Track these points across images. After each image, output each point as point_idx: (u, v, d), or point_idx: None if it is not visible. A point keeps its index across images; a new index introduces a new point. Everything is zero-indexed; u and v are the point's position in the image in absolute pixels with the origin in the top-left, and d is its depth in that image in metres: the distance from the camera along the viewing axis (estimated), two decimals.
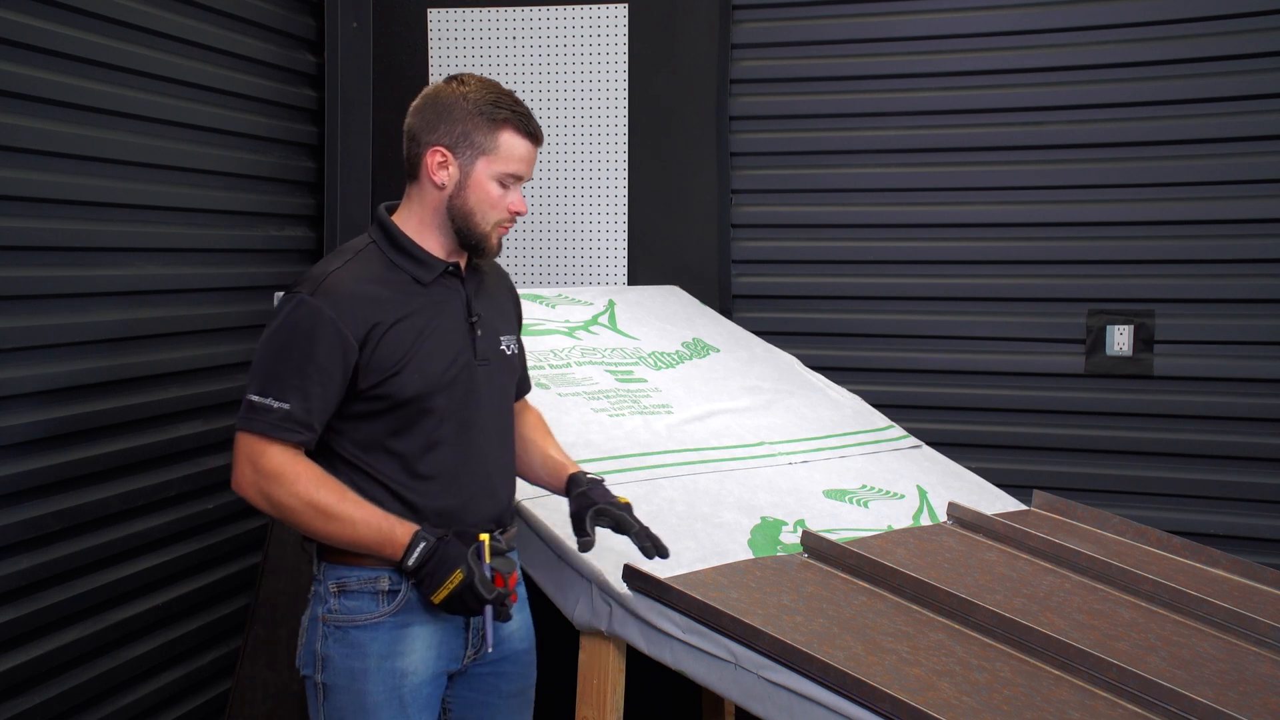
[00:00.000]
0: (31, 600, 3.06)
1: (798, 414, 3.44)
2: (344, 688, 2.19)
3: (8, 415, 2.97)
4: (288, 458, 2.11)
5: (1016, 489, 3.40)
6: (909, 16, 4.05)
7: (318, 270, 2.19)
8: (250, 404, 2.12)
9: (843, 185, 4.15)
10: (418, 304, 2.21)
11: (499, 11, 4.28)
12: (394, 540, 2.12)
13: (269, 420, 2.10)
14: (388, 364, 2.15)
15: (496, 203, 2.23)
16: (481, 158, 2.21)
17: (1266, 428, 3.77)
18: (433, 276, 2.24)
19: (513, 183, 2.24)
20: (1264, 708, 2.22)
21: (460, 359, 2.24)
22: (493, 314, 2.35)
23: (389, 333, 2.15)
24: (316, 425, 2.13)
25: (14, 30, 2.95)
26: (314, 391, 2.10)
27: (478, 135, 2.20)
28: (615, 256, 4.25)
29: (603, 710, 2.51)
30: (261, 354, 2.15)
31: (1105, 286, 3.91)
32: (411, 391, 2.16)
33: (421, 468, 2.20)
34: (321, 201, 4.29)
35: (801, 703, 2.21)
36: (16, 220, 3.00)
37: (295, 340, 2.11)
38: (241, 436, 2.13)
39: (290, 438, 2.10)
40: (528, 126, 2.23)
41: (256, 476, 2.11)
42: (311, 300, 2.13)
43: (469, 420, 2.25)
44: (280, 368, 2.11)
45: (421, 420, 2.19)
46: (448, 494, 2.22)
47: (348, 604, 2.20)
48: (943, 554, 2.79)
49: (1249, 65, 3.75)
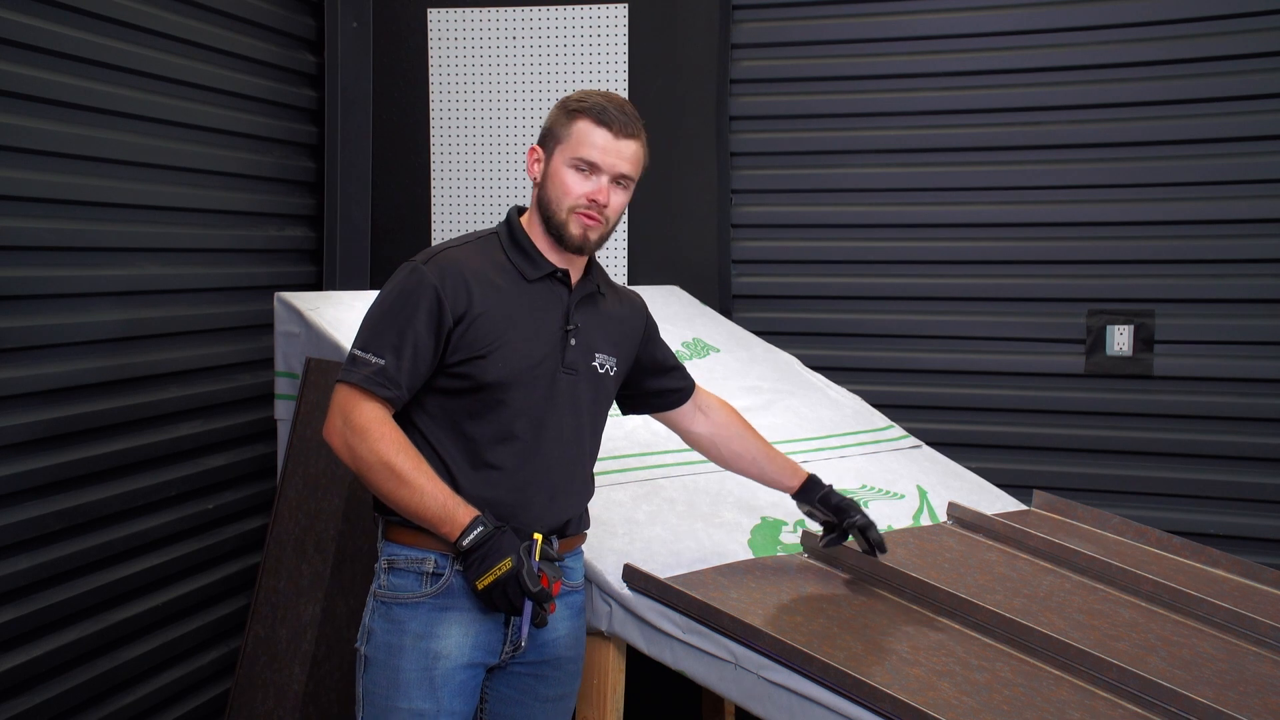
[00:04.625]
0: (31, 600, 3.06)
1: (797, 414, 3.44)
2: (382, 662, 2.25)
3: (8, 415, 2.97)
4: (377, 416, 2.18)
5: (1016, 489, 3.40)
6: (909, 16, 4.05)
7: (438, 245, 2.32)
8: (352, 356, 2.22)
9: (843, 185, 4.15)
10: (518, 297, 2.27)
11: (499, 11, 4.28)
12: (455, 519, 2.16)
13: (364, 373, 2.18)
14: (476, 345, 2.21)
15: (570, 189, 2.26)
16: (559, 146, 2.28)
17: (1266, 428, 3.77)
18: (538, 274, 2.29)
19: (590, 170, 2.27)
20: (1264, 708, 2.22)
21: (547, 361, 2.28)
22: (595, 330, 2.37)
23: (483, 315, 2.22)
24: (405, 385, 2.20)
25: (14, 30, 2.95)
26: (407, 352, 2.18)
27: (558, 127, 2.29)
28: (615, 256, 4.25)
29: (603, 710, 2.51)
30: (370, 312, 2.25)
31: (1105, 286, 3.91)
32: (492, 377, 2.22)
33: (490, 456, 2.24)
34: (321, 201, 4.29)
35: (801, 703, 2.21)
36: (16, 220, 3.00)
37: (401, 303, 2.21)
38: (339, 388, 2.22)
39: (380, 392, 2.18)
40: (603, 116, 2.26)
41: (345, 428, 2.18)
42: (422, 268, 2.22)
43: (543, 421, 2.28)
44: (382, 326, 2.21)
45: (497, 410, 2.24)
46: (507, 488, 2.25)
47: (394, 581, 2.26)
48: (943, 554, 2.80)
49: (1249, 65, 3.76)
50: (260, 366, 3.90)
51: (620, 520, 2.70)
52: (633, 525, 2.70)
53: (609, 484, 2.80)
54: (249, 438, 3.91)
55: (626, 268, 4.24)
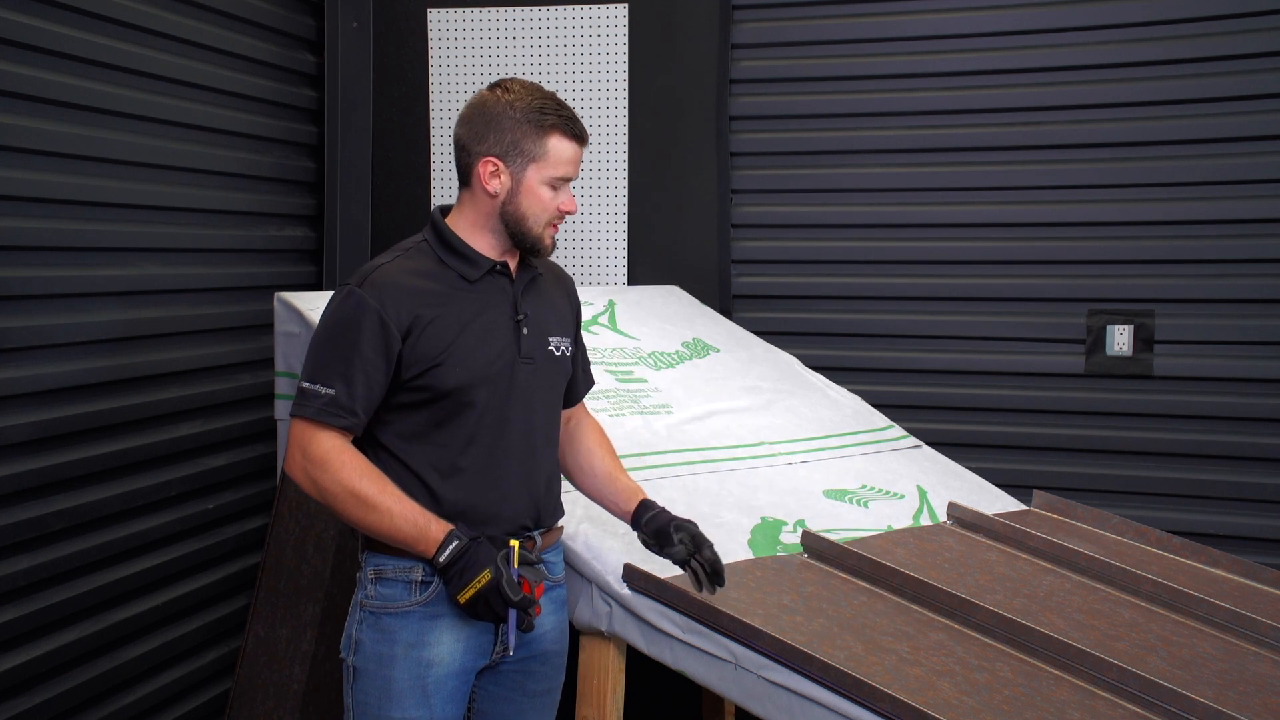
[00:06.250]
0: (31, 600, 3.06)
1: (798, 414, 3.44)
2: (372, 672, 2.25)
3: (8, 415, 2.97)
4: (335, 445, 2.17)
5: (1016, 489, 3.40)
6: (909, 16, 4.05)
7: (369, 264, 2.28)
8: (301, 390, 2.21)
9: (843, 185, 4.15)
10: (463, 299, 2.26)
11: (499, 11, 4.28)
12: (428, 536, 2.17)
13: (315, 405, 2.18)
14: (429, 355, 2.21)
15: (548, 205, 2.28)
16: (532, 164, 2.26)
17: (1266, 428, 3.77)
18: (479, 274, 2.29)
19: (562, 184, 2.29)
20: (1264, 708, 2.22)
21: (504, 355, 2.28)
22: (544, 314, 2.38)
23: (431, 325, 2.21)
24: (360, 411, 2.19)
25: (14, 30, 2.95)
26: (358, 379, 2.17)
27: (526, 143, 2.25)
28: (615, 256, 4.25)
29: (603, 710, 2.51)
30: (313, 343, 2.24)
31: (1105, 286, 3.91)
32: (452, 383, 2.21)
33: (460, 461, 2.24)
34: (321, 201, 4.29)
35: (801, 703, 2.22)
36: (16, 220, 3.00)
37: (342, 329, 2.20)
38: (294, 423, 2.21)
39: (335, 422, 2.17)
40: (573, 129, 2.28)
41: (305, 461, 2.18)
42: (359, 291, 2.20)
43: (508, 416, 2.28)
44: (327, 355, 2.20)
45: (462, 413, 2.24)
46: (482, 488, 2.25)
47: (382, 591, 2.25)
48: (943, 554, 2.80)
49: (1249, 65, 3.75)
50: (260, 366, 3.90)
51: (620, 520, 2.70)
52: None
53: None
54: (249, 438, 3.91)
55: (626, 268, 4.24)
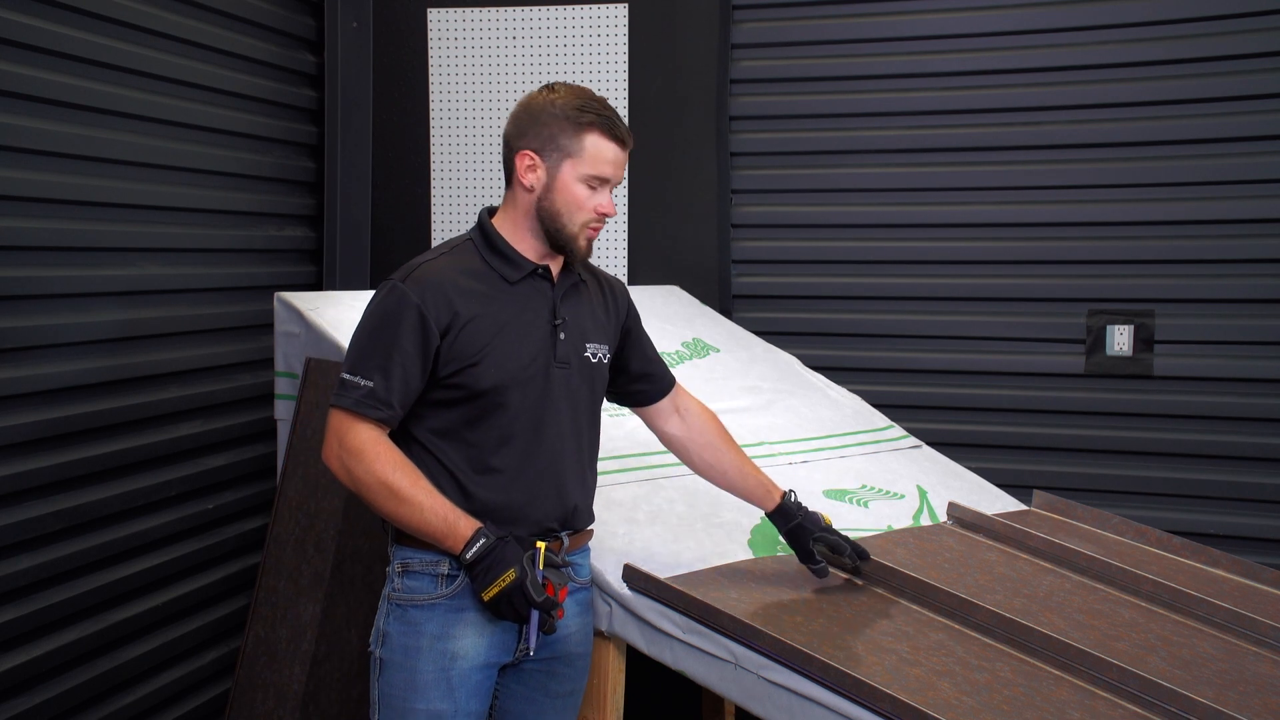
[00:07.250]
0: (31, 600, 3.06)
1: (798, 414, 3.44)
2: (398, 664, 2.26)
3: (8, 415, 2.97)
4: (371, 437, 2.19)
5: (1016, 489, 3.40)
6: (909, 16, 4.05)
7: (415, 260, 2.30)
8: (341, 380, 2.23)
9: (843, 185, 4.15)
10: (503, 300, 2.27)
11: (499, 11, 4.28)
12: (456, 532, 2.18)
13: (354, 396, 2.19)
14: (466, 354, 2.22)
15: (583, 204, 2.28)
16: (567, 160, 2.26)
17: (1266, 428, 3.77)
18: (520, 275, 2.30)
19: (600, 185, 2.28)
20: (1264, 708, 2.22)
21: (539, 359, 2.28)
22: (583, 320, 2.38)
23: (470, 324, 2.22)
24: (397, 404, 2.20)
25: (14, 30, 2.95)
26: (395, 372, 2.19)
27: (563, 138, 2.26)
28: (615, 256, 4.25)
29: (603, 710, 2.51)
30: (355, 335, 2.26)
31: (1105, 286, 3.91)
32: (487, 383, 2.23)
33: (493, 460, 2.25)
34: (321, 201, 4.29)
35: (801, 703, 2.21)
36: (16, 220, 3.00)
37: (383, 323, 2.21)
38: (332, 412, 2.23)
39: (371, 414, 2.19)
40: (614, 130, 2.27)
41: (341, 451, 2.20)
42: (402, 286, 2.22)
43: (542, 419, 2.29)
44: (368, 348, 2.21)
45: (495, 413, 2.25)
46: (513, 489, 2.26)
47: (409, 583, 2.27)
48: (943, 554, 2.79)
49: (1249, 65, 3.76)
50: (260, 366, 3.91)
51: (620, 520, 2.70)
52: (633, 525, 2.70)
53: (609, 484, 2.80)
54: (249, 438, 3.91)
55: (626, 268, 4.24)
